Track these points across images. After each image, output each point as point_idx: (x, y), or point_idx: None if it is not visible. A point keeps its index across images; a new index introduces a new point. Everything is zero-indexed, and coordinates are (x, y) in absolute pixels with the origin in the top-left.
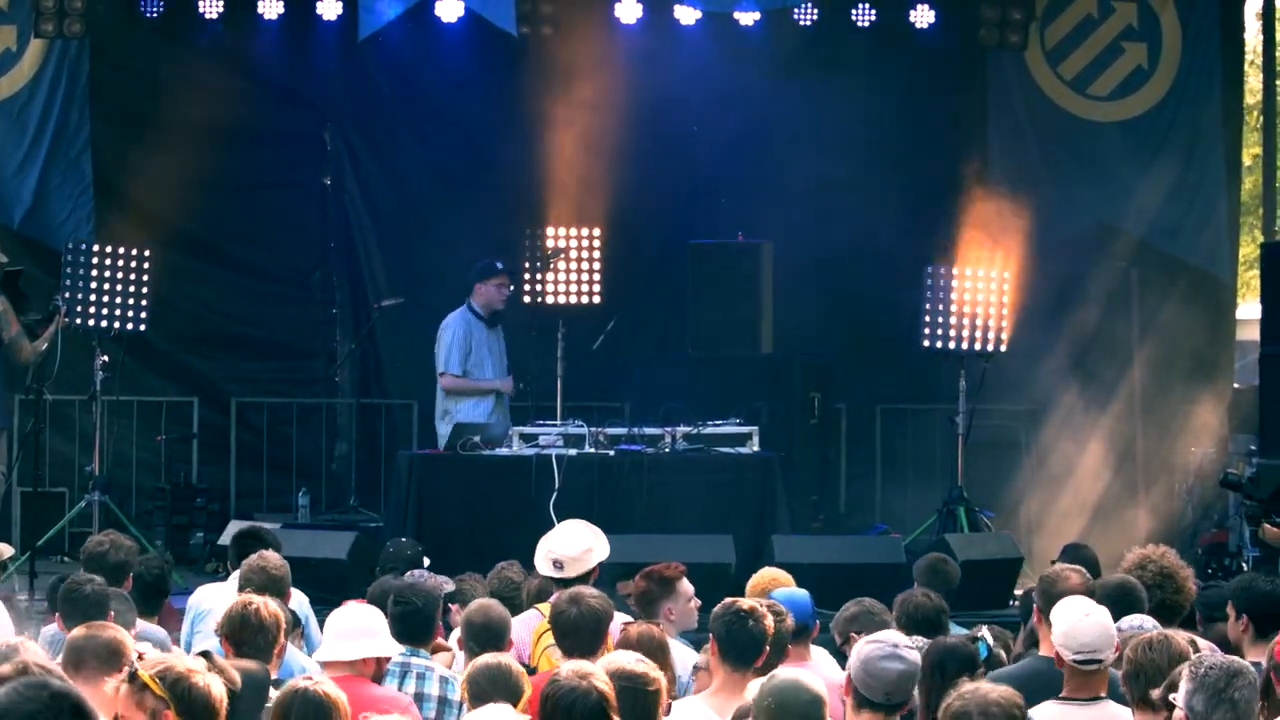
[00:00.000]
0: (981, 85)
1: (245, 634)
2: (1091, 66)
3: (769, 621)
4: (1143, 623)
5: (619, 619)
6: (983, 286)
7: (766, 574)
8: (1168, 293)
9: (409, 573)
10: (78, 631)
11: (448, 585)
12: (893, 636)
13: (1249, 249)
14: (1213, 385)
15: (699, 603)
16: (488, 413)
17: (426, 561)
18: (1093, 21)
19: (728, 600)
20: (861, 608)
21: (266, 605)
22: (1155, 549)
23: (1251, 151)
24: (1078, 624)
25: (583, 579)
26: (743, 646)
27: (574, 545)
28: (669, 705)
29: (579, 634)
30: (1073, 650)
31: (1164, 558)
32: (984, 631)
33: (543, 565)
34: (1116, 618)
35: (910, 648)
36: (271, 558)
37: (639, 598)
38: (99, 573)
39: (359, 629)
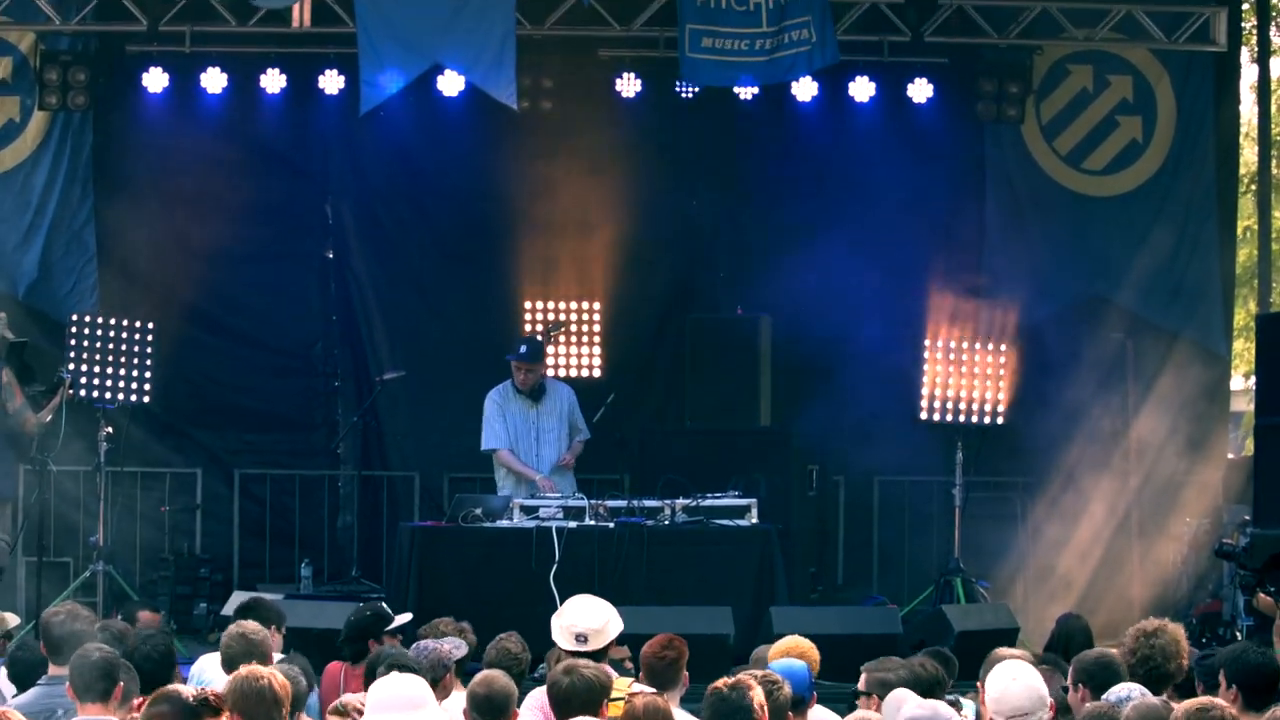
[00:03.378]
0: (979, 158)
1: (256, 708)
2: (1087, 140)
3: (755, 693)
4: (1130, 692)
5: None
6: (979, 359)
7: (788, 642)
8: (1162, 364)
9: (415, 643)
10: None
11: (458, 651)
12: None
13: (1242, 319)
14: (1207, 456)
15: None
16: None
17: (400, 619)
18: (1088, 95)
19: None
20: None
21: (274, 677)
22: (1152, 622)
23: (1245, 223)
24: (1007, 688)
25: (603, 651)
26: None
27: (596, 618)
28: None
29: (571, 703)
30: (1004, 714)
31: (1161, 630)
32: (965, 702)
33: (565, 640)
34: (1096, 690)
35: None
36: (249, 625)
37: (653, 667)
38: (46, 644)
39: (405, 699)
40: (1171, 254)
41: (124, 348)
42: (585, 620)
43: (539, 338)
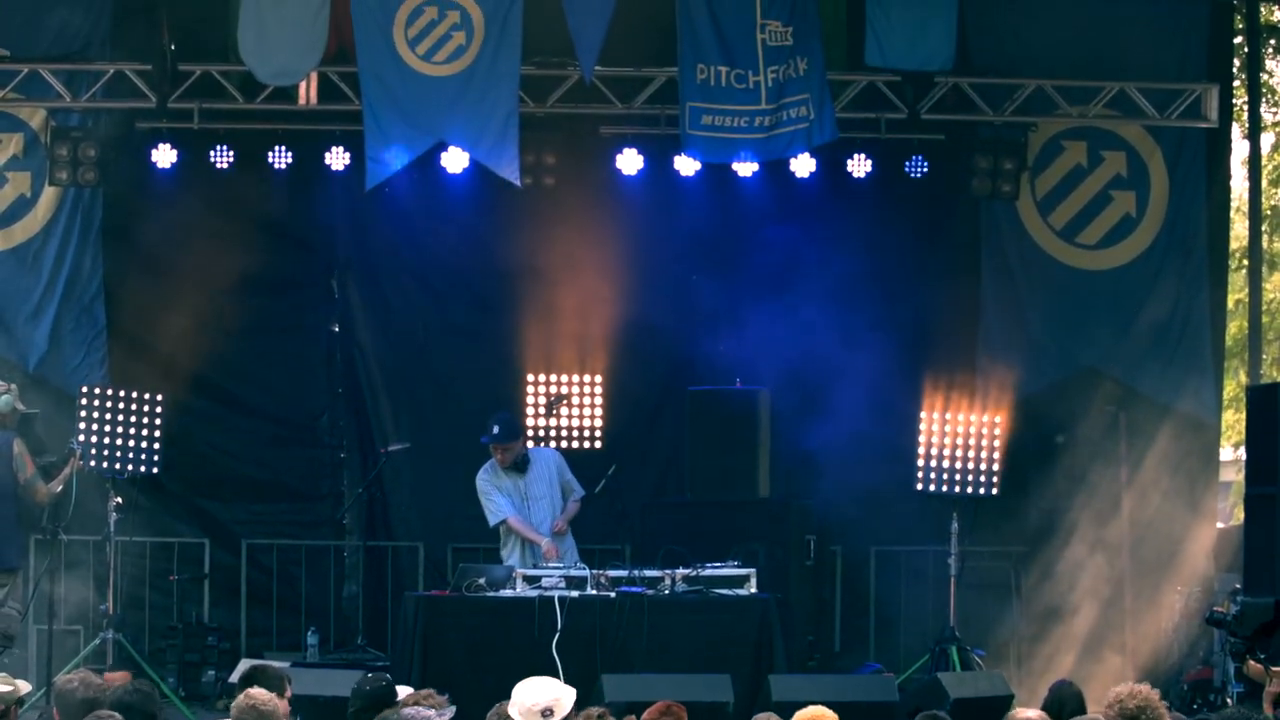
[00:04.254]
0: (974, 234)
1: None
2: (1081, 215)
3: None
4: None
5: None
6: (974, 431)
7: (811, 711)
8: (1154, 436)
9: (403, 710)
10: None
11: (446, 713)
12: None
13: (1233, 391)
14: (1198, 525)
15: None
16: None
17: (403, 692)
18: (1082, 171)
19: None
20: None
21: None
22: (1131, 687)
23: (1236, 296)
24: None
25: None
26: None
27: (549, 692)
28: None
29: None
30: None
31: (1140, 694)
32: None
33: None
34: None
35: None
36: (259, 695)
37: None
38: (60, 711)
39: None
40: (1164, 327)
41: (133, 419)
42: (541, 695)
43: (508, 415)
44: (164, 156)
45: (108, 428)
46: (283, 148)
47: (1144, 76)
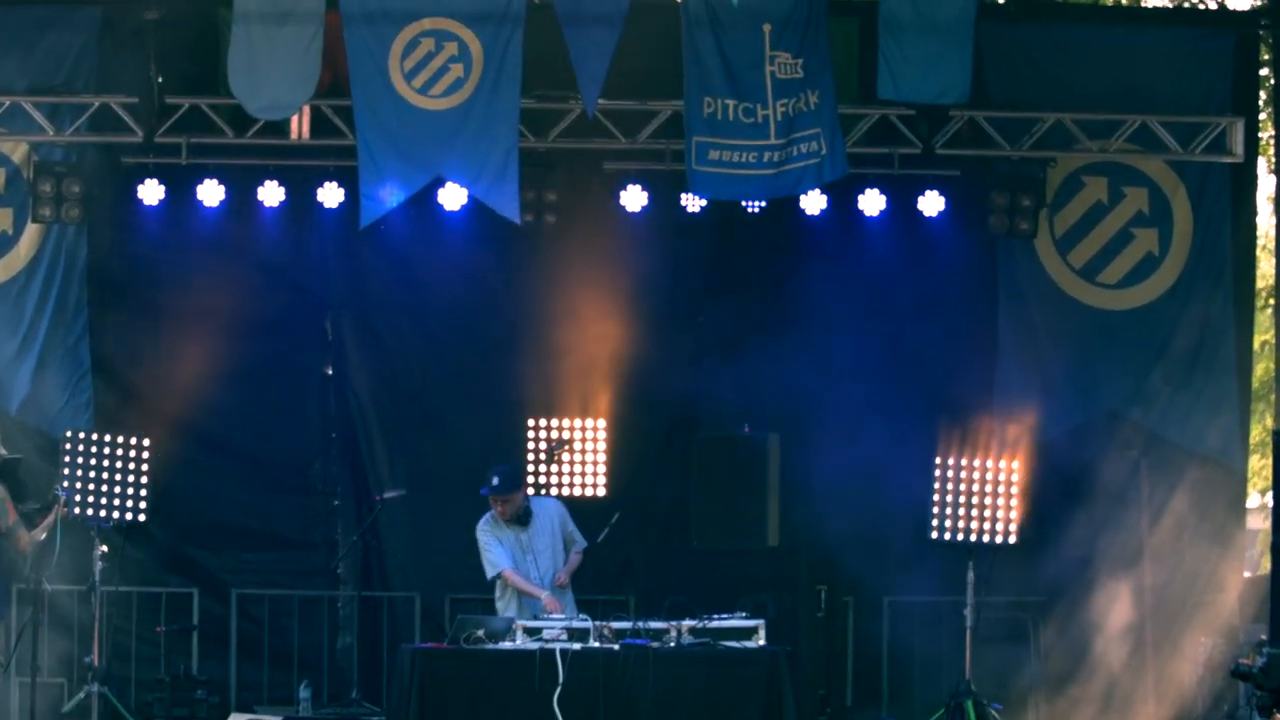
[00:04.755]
0: (991, 272)
1: None
2: (1102, 254)
3: None
4: None
5: None
6: (991, 477)
7: None
8: (1177, 481)
9: None
10: None
11: None
12: None
13: (1259, 435)
14: (1223, 575)
15: None
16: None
17: None
18: (1103, 208)
19: None
20: None
21: None
22: None
23: (1262, 337)
24: None
25: None
26: None
27: None
28: None
29: None
30: None
31: None
32: None
33: None
34: None
35: None
36: None
37: None
38: None
39: None
40: (1188, 369)
41: (119, 465)
42: None
43: (511, 464)
44: (151, 192)
45: (93, 473)
46: (274, 183)
47: (1167, 110)
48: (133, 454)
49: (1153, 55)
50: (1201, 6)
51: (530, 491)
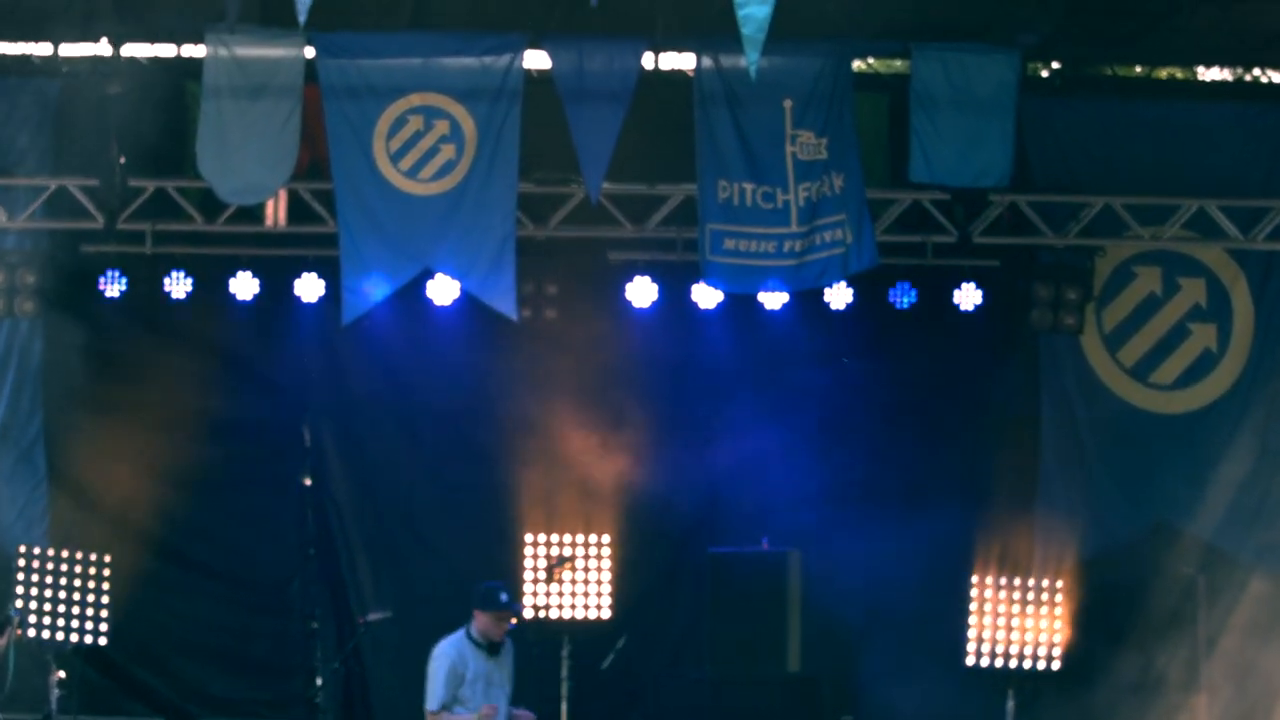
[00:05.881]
0: (1033, 373)
1: None
2: (1155, 351)
3: None
4: None
5: None
6: (1032, 598)
7: None
8: (1238, 601)
9: None
10: None
11: None
12: None
13: None
14: None
15: None
16: None
17: None
18: (1156, 301)
19: None
20: None
21: None
22: None
23: None
24: None
25: None
26: None
27: None
28: None
29: None
30: None
31: None
32: None
33: None
34: None
35: None
36: None
37: None
38: None
39: None
40: (1250, 477)
41: (77, 582)
42: None
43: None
44: (113, 284)
45: (49, 592)
46: (247, 275)
47: (1226, 192)
48: (92, 570)
49: (1211, 132)
50: (1264, 80)
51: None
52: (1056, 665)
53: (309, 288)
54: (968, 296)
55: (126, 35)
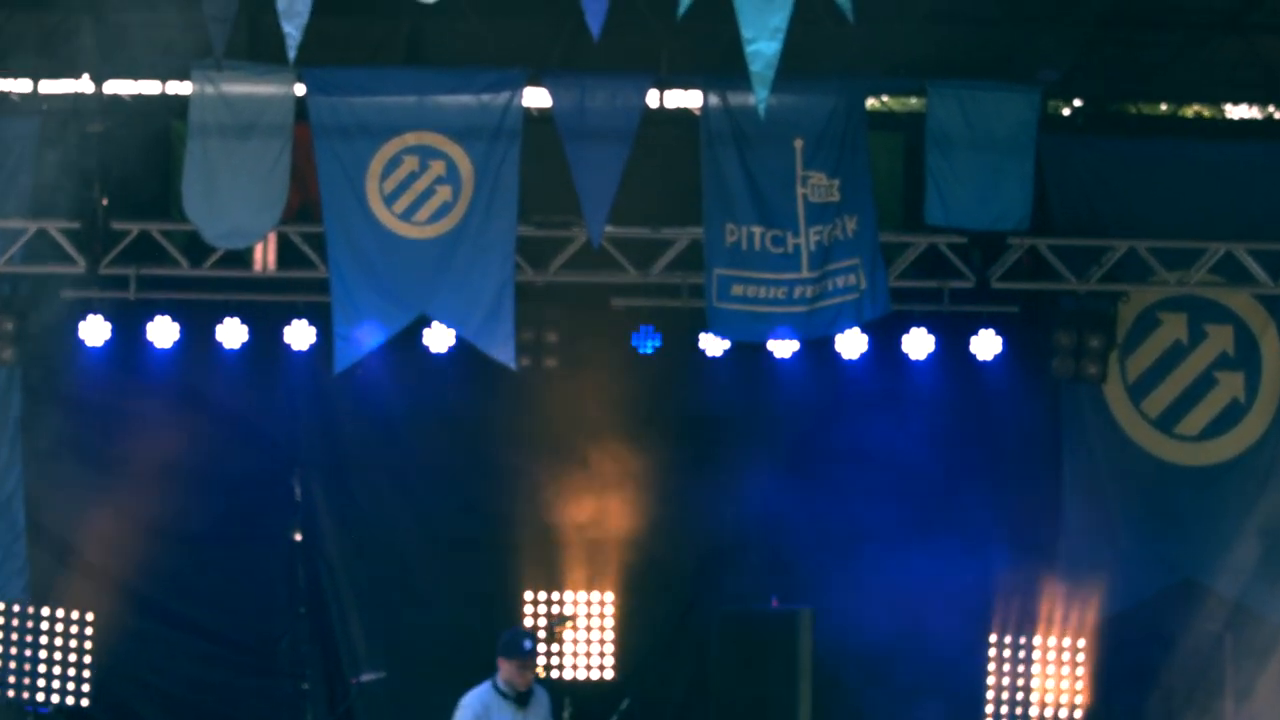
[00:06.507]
0: (1054, 424)
1: None
2: (1180, 401)
3: None
4: None
5: None
6: (1052, 657)
7: None
8: (1267, 661)
9: None
10: None
11: None
12: None
13: None
14: None
15: None
16: None
17: None
18: (1182, 349)
19: None
20: None
21: None
22: None
23: None
24: None
25: None
26: None
27: None
28: None
29: None
30: None
31: None
32: None
33: None
34: None
35: None
36: None
37: None
38: None
39: None
40: (1278, 533)
41: (58, 640)
42: None
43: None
44: (95, 331)
45: (28, 650)
46: (235, 321)
47: (1255, 236)
48: (74, 628)
49: (1239, 172)
50: None
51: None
52: None
53: (299, 335)
54: (986, 344)
55: (109, 71)
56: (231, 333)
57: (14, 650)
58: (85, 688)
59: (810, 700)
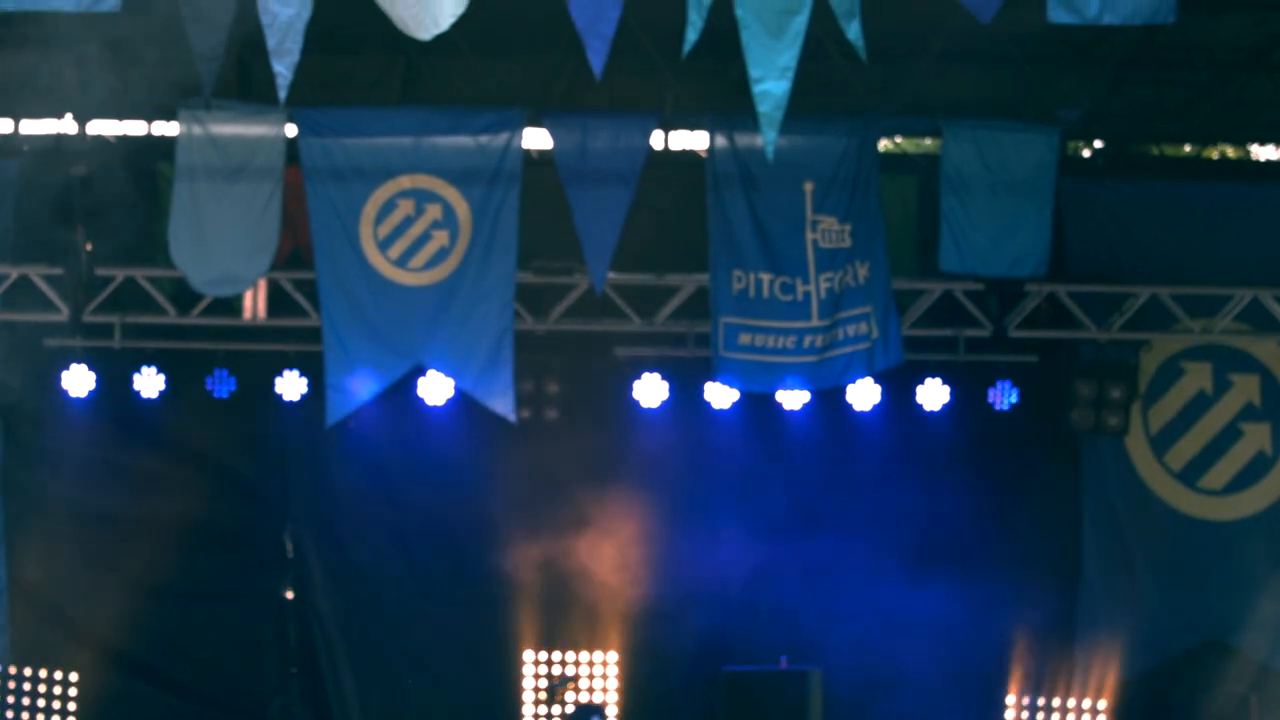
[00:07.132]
0: (1074, 478)
1: None
2: (1204, 454)
3: None
4: None
5: None
6: (1072, 719)
7: None
8: None
9: None
10: None
11: None
12: None
13: None
14: None
15: None
16: None
17: None
18: (1206, 400)
19: None
20: None
21: None
22: None
23: None
24: None
25: None
26: None
27: None
28: None
29: None
30: None
31: None
32: None
33: None
34: None
35: None
36: None
37: None
38: None
39: None
40: None
41: (41, 702)
42: None
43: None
44: (78, 381)
45: (10, 712)
46: (224, 372)
47: None
48: (56, 689)
49: (1266, 216)
50: None
51: None
52: None
53: (291, 385)
54: (1003, 395)
55: (93, 111)
56: (219, 383)
57: None
58: None
59: None
